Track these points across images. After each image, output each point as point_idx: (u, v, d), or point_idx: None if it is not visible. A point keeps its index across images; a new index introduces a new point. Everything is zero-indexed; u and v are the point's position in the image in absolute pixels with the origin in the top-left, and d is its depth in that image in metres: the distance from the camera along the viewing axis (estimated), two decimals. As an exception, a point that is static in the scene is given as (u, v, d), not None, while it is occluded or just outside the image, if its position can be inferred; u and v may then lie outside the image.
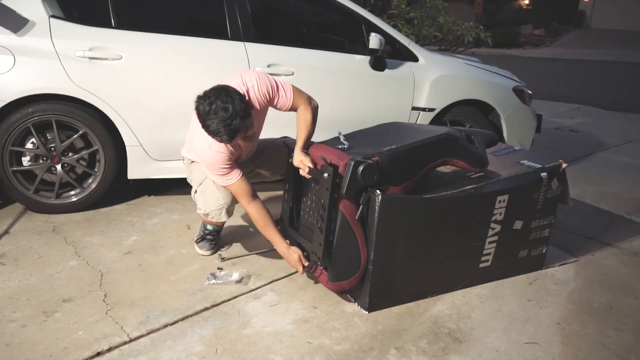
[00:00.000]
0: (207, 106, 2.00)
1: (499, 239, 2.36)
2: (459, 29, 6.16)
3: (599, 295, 2.37)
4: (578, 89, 9.72)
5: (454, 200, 2.22)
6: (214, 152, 2.20)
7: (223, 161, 2.21)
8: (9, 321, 1.98)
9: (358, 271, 2.11)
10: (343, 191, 2.01)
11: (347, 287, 2.16)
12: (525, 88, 3.94)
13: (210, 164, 2.23)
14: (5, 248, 2.58)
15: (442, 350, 1.92)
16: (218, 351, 1.86)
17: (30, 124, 2.81)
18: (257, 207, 2.28)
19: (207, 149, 2.20)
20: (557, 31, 22.39)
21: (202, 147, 2.23)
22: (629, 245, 2.91)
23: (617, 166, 4.58)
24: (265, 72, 2.36)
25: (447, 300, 2.27)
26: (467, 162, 2.30)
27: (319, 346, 1.92)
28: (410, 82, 3.52)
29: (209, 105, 2.00)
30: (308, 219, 2.31)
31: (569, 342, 2.01)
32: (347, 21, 3.61)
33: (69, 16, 2.88)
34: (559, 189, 2.47)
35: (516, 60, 14.87)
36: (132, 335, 1.91)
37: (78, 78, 2.81)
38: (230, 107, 1.98)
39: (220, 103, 1.98)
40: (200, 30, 3.14)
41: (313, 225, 2.18)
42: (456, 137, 2.29)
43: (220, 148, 2.19)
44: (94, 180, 3.04)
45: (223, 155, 2.20)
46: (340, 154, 2.11)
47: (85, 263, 2.45)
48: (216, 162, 2.21)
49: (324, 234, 2.08)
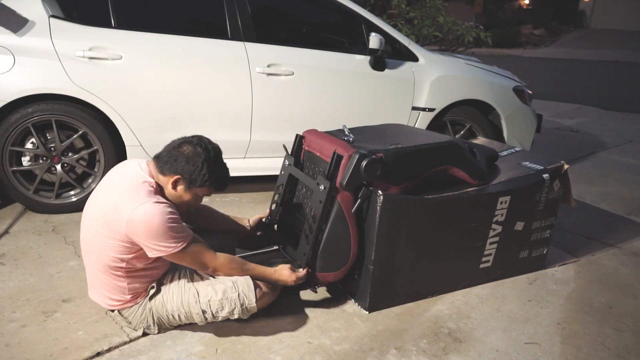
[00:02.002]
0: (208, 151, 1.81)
1: (500, 239, 2.36)
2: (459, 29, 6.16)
3: (599, 295, 2.37)
4: (578, 89, 9.72)
5: (455, 201, 2.22)
6: (162, 206, 1.68)
7: (173, 214, 1.71)
8: (9, 321, 1.98)
9: (346, 265, 2.10)
10: (344, 182, 2.00)
11: (331, 280, 2.14)
12: (525, 88, 3.94)
13: (162, 223, 1.66)
14: (5, 248, 2.58)
15: (442, 350, 1.92)
16: (218, 351, 1.86)
17: (30, 124, 2.81)
18: (223, 255, 1.89)
19: (152, 205, 1.66)
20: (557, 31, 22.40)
21: (140, 210, 1.65)
22: (629, 245, 2.91)
23: (617, 166, 4.58)
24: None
25: (447, 300, 2.27)
26: (468, 173, 2.29)
27: (319, 346, 1.91)
28: (410, 82, 3.52)
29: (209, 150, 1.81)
30: (296, 226, 2.28)
31: (569, 342, 2.01)
32: (347, 21, 3.61)
33: (69, 16, 2.88)
34: (560, 190, 2.47)
35: (516, 60, 14.87)
36: (132, 336, 1.91)
37: (78, 78, 2.81)
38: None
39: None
40: (200, 30, 3.14)
41: (300, 233, 2.15)
42: (461, 146, 2.30)
43: (163, 199, 1.75)
44: (94, 180, 3.04)
45: (171, 208, 1.72)
46: (346, 145, 2.10)
47: (85, 263, 2.45)
48: (167, 217, 1.67)
49: (310, 245, 2.05)
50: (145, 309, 1.87)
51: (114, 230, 1.70)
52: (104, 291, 1.84)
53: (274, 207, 2.43)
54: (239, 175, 3.28)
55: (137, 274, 1.82)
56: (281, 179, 2.42)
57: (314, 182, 2.10)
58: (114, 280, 1.81)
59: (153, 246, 1.70)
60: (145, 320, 1.88)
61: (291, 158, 2.37)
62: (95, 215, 1.76)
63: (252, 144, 3.26)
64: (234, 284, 1.90)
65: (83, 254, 1.87)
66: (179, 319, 1.90)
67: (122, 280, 1.81)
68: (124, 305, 1.85)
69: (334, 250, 2.08)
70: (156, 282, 1.89)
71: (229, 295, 1.88)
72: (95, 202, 1.80)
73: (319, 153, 2.22)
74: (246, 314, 1.93)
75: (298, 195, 2.34)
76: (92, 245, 1.79)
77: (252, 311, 1.94)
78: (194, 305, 1.86)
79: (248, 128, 3.21)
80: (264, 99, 3.18)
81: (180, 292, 1.88)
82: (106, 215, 1.71)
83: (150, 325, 1.89)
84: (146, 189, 1.73)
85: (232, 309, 1.89)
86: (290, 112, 3.29)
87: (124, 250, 1.73)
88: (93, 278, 1.87)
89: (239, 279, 1.91)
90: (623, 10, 22.79)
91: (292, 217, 2.34)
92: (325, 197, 2.00)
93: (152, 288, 1.87)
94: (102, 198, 1.78)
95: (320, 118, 3.30)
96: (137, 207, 1.66)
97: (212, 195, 3.39)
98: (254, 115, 3.19)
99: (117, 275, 1.79)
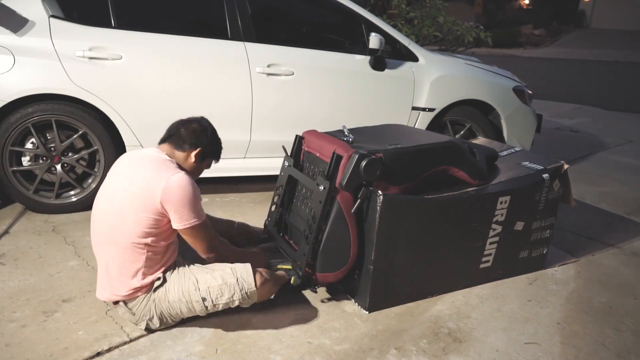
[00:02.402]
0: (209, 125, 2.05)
1: (500, 239, 2.36)
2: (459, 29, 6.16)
3: (599, 295, 2.37)
4: (578, 89, 9.72)
5: (455, 201, 2.22)
6: (191, 179, 1.87)
7: (197, 189, 1.89)
8: (9, 321, 1.98)
9: (346, 265, 2.10)
10: (344, 183, 2.00)
11: (332, 280, 2.14)
12: (525, 88, 3.95)
13: (193, 191, 1.83)
14: (5, 248, 2.58)
15: (442, 350, 1.92)
16: (218, 351, 1.86)
17: (30, 124, 2.81)
18: (224, 240, 2.07)
19: (185, 175, 1.84)
20: (557, 31, 22.39)
21: (175, 178, 1.81)
22: (629, 245, 2.91)
23: (617, 166, 4.58)
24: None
25: (447, 300, 2.27)
26: (468, 174, 2.29)
27: (319, 346, 1.92)
28: (410, 82, 3.52)
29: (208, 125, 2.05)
30: (296, 227, 2.28)
31: (569, 342, 2.01)
32: (347, 21, 3.61)
33: (69, 16, 2.88)
34: (560, 190, 2.47)
35: (516, 60, 14.87)
36: (132, 335, 1.91)
37: (78, 78, 2.81)
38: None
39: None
40: (200, 30, 3.14)
41: (300, 234, 2.15)
42: (460, 146, 2.30)
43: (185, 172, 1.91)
44: (94, 180, 3.04)
45: (192, 178, 1.90)
46: (345, 145, 2.10)
47: (85, 263, 2.45)
48: (196, 189, 1.86)
49: (310, 245, 2.06)
50: (149, 301, 1.89)
51: (149, 202, 1.79)
52: (119, 278, 1.86)
53: (274, 209, 2.43)
54: (239, 175, 3.29)
55: (154, 255, 1.87)
56: (281, 180, 2.41)
57: (313, 182, 2.10)
58: (133, 262, 1.84)
59: (182, 214, 1.81)
60: (148, 311, 1.89)
61: (291, 159, 2.37)
62: (127, 198, 1.82)
63: (252, 144, 3.26)
64: (232, 270, 1.93)
65: (99, 246, 1.91)
66: (180, 310, 1.91)
67: (140, 260, 1.84)
68: (132, 294, 1.87)
69: (334, 250, 2.08)
70: (162, 273, 1.91)
71: (228, 280, 1.90)
72: (120, 187, 1.86)
73: (319, 154, 2.22)
74: (247, 301, 1.94)
75: (298, 196, 2.34)
76: (119, 227, 1.83)
77: (253, 298, 1.95)
78: (194, 293, 1.88)
79: (248, 128, 3.22)
80: (264, 99, 3.18)
81: (181, 281, 1.91)
82: (138, 190, 1.81)
83: (153, 316, 1.90)
84: (172, 164, 1.89)
85: (231, 295, 1.90)
86: (290, 112, 3.29)
87: (154, 224, 1.81)
88: (109, 266, 1.88)
89: (237, 265, 1.95)
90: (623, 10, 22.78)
91: (291, 218, 2.34)
92: (325, 197, 2.00)
93: (159, 279, 1.90)
94: (130, 181, 1.85)
95: (320, 118, 3.31)
96: (172, 175, 1.81)
97: (212, 195, 3.40)
98: (254, 115, 3.19)
99: (138, 252, 1.83)
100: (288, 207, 2.39)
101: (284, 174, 2.39)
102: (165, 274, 1.92)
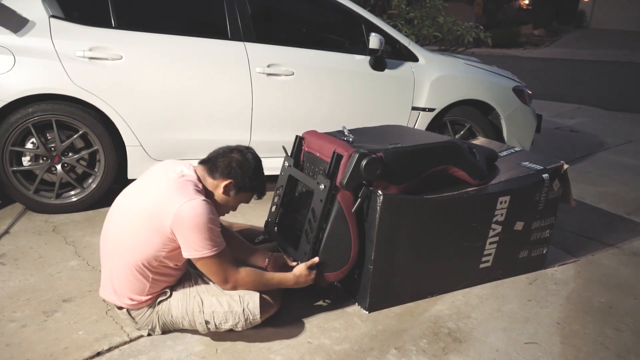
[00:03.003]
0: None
1: (499, 239, 2.36)
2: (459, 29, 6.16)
3: (599, 295, 2.38)
4: (578, 89, 9.72)
5: (455, 200, 2.22)
6: (209, 206, 1.74)
7: (216, 217, 1.77)
8: (9, 321, 1.98)
9: (347, 265, 2.10)
10: (344, 182, 2.00)
11: (332, 280, 2.13)
12: (525, 88, 3.95)
13: (207, 221, 1.71)
14: (5, 248, 2.58)
15: (442, 350, 1.93)
16: (218, 351, 1.86)
17: (30, 124, 2.82)
18: (244, 269, 1.89)
19: (201, 202, 1.72)
20: (557, 31, 22.40)
21: (190, 204, 1.70)
22: (629, 245, 2.92)
23: (617, 166, 4.58)
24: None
25: (447, 300, 2.27)
26: (467, 173, 2.29)
27: (319, 346, 1.92)
28: (410, 82, 3.52)
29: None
30: (296, 227, 2.27)
31: (569, 342, 2.01)
32: (347, 21, 3.61)
33: (69, 16, 2.88)
34: (560, 190, 2.47)
35: (516, 60, 14.87)
36: (132, 335, 1.91)
37: (78, 78, 2.81)
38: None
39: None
40: (200, 30, 3.14)
41: (301, 233, 2.15)
42: (460, 146, 2.30)
43: (209, 200, 1.79)
44: (94, 180, 3.05)
45: (214, 211, 1.78)
46: (346, 145, 2.10)
47: (86, 263, 2.45)
48: (211, 217, 1.73)
49: (311, 244, 2.05)
50: (153, 312, 1.88)
51: (158, 224, 1.71)
52: (124, 290, 1.83)
53: (274, 209, 2.43)
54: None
55: (162, 276, 1.83)
56: (281, 180, 2.42)
57: (314, 182, 2.10)
58: (138, 280, 1.80)
59: (192, 243, 1.72)
60: (151, 322, 1.88)
61: (291, 159, 2.38)
62: (137, 212, 1.77)
63: (252, 144, 3.26)
64: (240, 298, 1.87)
65: (107, 252, 1.86)
66: (182, 325, 1.90)
67: (147, 280, 1.81)
68: (138, 305, 1.85)
69: (334, 249, 2.08)
70: (169, 289, 1.90)
71: (234, 309, 1.86)
72: (138, 198, 1.81)
73: (319, 154, 2.22)
74: (249, 326, 1.92)
75: (298, 196, 2.34)
76: (126, 241, 1.78)
77: (255, 324, 1.92)
78: (198, 315, 1.86)
79: (248, 128, 3.22)
80: (264, 99, 3.19)
81: (186, 299, 1.88)
82: (152, 209, 1.73)
83: (156, 327, 1.90)
84: (193, 187, 1.78)
85: (235, 323, 1.87)
86: (290, 112, 3.29)
87: (162, 247, 1.75)
88: (113, 276, 1.85)
89: (246, 294, 1.89)
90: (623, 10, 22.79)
91: (292, 218, 2.34)
92: (325, 196, 2.00)
93: (165, 294, 1.88)
94: (146, 194, 1.80)
95: (320, 118, 3.31)
96: (187, 201, 1.70)
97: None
98: (254, 115, 3.19)
99: (145, 274, 1.79)
100: (288, 207, 2.39)
101: (284, 174, 2.39)
102: (172, 290, 1.90)
